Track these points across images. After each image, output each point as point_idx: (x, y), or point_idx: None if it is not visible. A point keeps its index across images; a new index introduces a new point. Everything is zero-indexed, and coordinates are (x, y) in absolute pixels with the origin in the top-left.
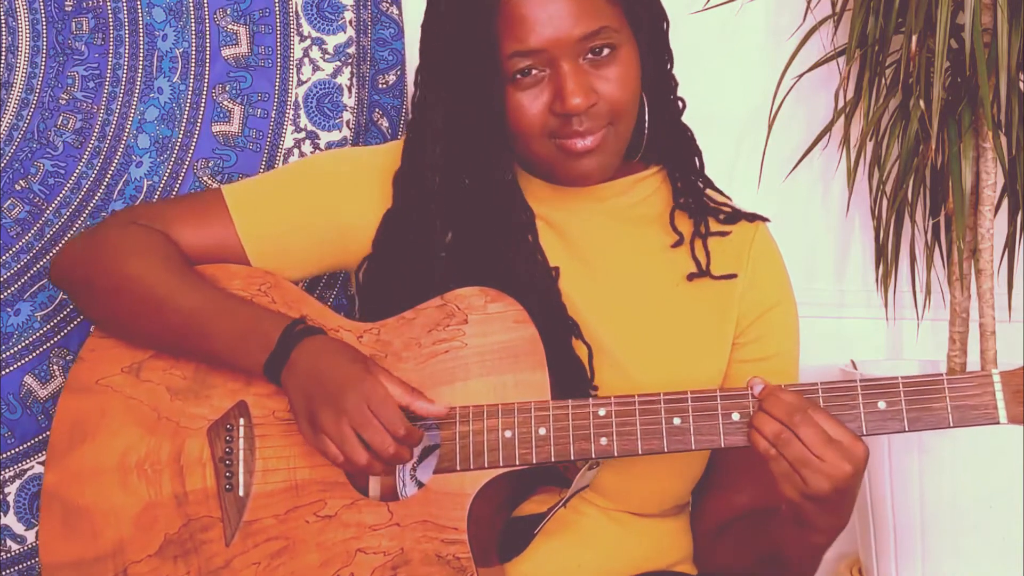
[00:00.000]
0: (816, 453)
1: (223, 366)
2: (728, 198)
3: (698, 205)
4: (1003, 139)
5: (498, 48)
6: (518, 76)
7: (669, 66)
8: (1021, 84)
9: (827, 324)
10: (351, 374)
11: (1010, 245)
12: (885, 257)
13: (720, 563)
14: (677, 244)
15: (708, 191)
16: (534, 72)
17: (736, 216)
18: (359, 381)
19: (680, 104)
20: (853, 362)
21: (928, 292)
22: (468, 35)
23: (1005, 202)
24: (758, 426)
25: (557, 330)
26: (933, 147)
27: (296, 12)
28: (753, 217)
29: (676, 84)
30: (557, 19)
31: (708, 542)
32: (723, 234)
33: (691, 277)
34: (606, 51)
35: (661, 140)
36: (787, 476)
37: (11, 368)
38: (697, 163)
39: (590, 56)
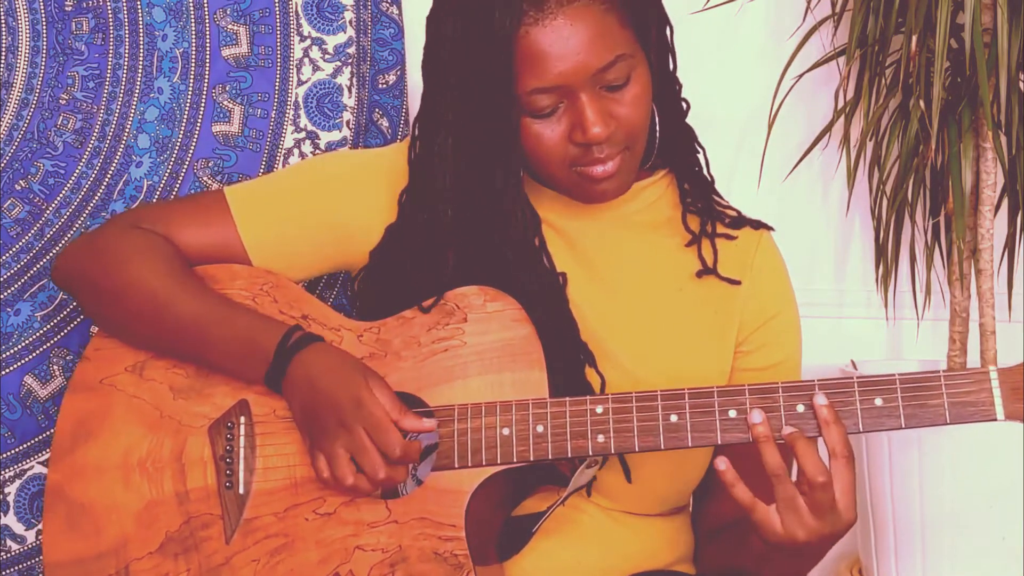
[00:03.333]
0: (815, 512)
1: (226, 375)
2: (730, 204)
3: (705, 207)
4: (1003, 139)
5: (514, 84)
6: (536, 110)
7: (673, 68)
8: (1021, 84)
9: (827, 324)
10: (348, 393)
11: (1010, 245)
12: (885, 257)
13: (708, 567)
14: (691, 243)
15: (713, 195)
16: (551, 105)
17: (741, 222)
18: (357, 404)
19: (684, 105)
20: (853, 362)
21: (928, 292)
22: (481, 69)
23: (1005, 202)
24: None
25: (566, 344)
26: (933, 147)
27: (296, 12)
28: (758, 225)
29: (680, 86)
30: (575, 52)
31: (701, 545)
32: (729, 237)
33: (700, 274)
34: (622, 79)
35: (667, 143)
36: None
37: (11, 368)
38: (703, 164)
39: (606, 85)
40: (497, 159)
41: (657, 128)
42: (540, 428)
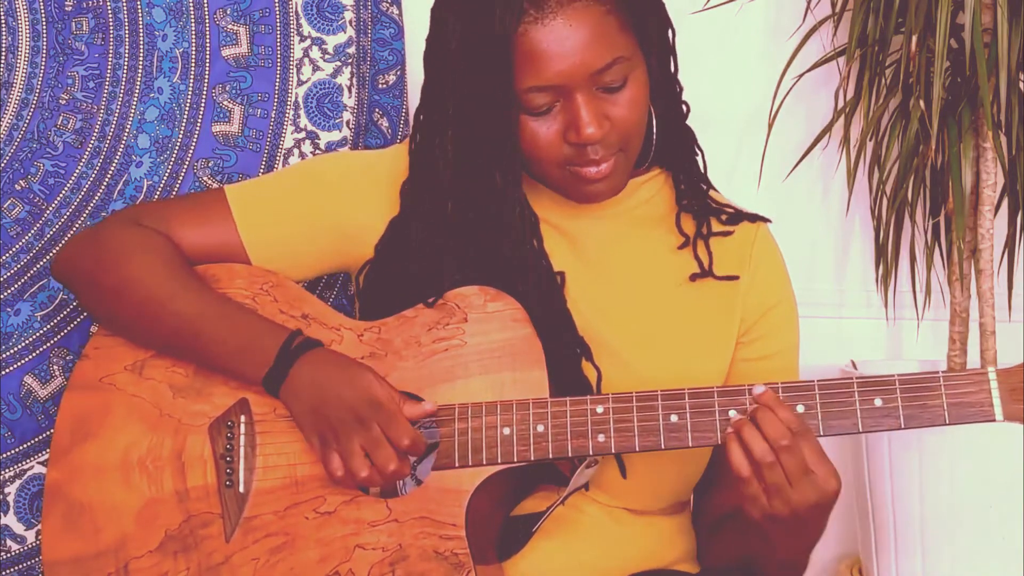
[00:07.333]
0: (791, 481)
1: (223, 373)
2: (728, 201)
3: (701, 206)
4: (1003, 139)
5: (512, 82)
6: (532, 107)
7: (674, 70)
8: (1021, 84)
9: (827, 324)
10: (360, 393)
11: (1010, 245)
12: (885, 257)
13: (712, 560)
14: (683, 246)
15: (711, 192)
16: (548, 103)
17: (738, 217)
18: (370, 401)
19: (684, 108)
20: (853, 362)
21: (928, 292)
22: (480, 67)
23: (1005, 202)
24: (747, 441)
25: (563, 339)
26: (933, 147)
27: (296, 12)
28: (755, 218)
29: (681, 89)
30: (573, 53)
31: (705, 539)
32: (725, 234)
33: (694, 277)
34: (619, 81)
35: (665, 145)
36: (754, 497)
37: (11, 368)
38: (700, 165)
39: (603, 86)
40: (496, 157)
41: (654, 131)
42: (540, 428)
